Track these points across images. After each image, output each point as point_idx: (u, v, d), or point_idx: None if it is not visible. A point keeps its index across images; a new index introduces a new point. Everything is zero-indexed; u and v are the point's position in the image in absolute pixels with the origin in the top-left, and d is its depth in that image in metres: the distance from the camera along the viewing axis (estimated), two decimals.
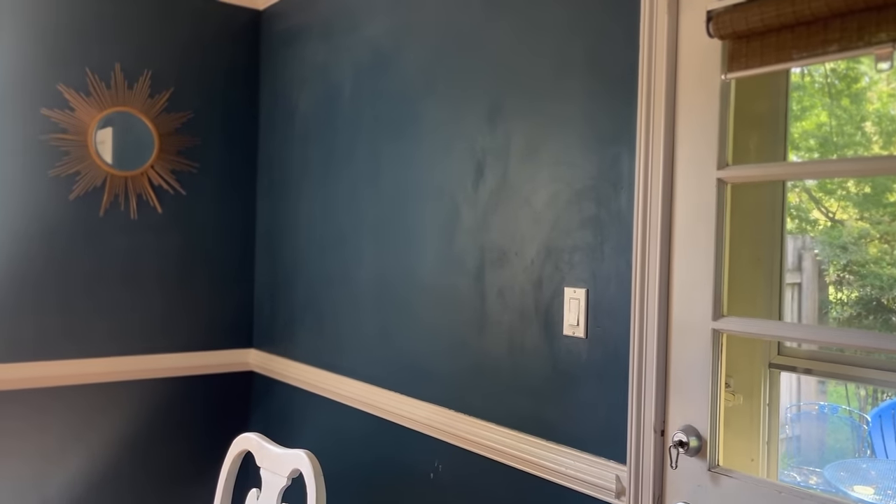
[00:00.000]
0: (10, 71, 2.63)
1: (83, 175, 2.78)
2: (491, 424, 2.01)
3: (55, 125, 2.72)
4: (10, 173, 2.64)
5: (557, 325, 1.83)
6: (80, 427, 2.79)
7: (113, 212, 2.85)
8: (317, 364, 2.77)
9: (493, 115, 2.02)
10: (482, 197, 2.06)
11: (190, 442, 3.05)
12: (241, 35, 3.14)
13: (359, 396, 2.51)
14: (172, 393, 3.00)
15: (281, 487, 1.67)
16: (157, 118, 2.92)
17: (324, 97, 2.77)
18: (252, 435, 1.81)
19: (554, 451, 1.81)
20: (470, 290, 2.09)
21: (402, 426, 2.33)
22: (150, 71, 2.91)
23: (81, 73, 2.77)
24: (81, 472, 2.79)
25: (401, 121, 2.38)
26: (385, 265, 2.44)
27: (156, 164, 2.92)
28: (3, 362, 2.63)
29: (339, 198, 2.68)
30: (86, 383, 2.80)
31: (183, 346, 3.02)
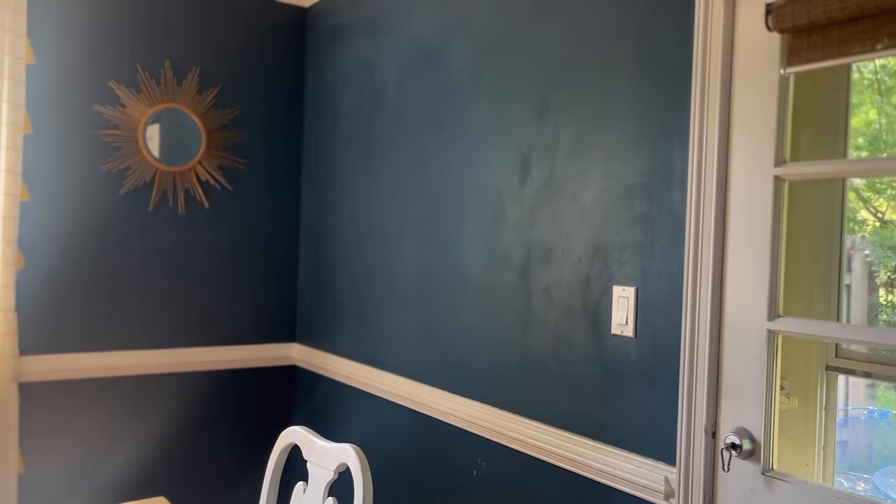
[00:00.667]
0: (66, 68, 2.69)
1: (133, 170, 2.83)
2: (535, 423, 1.99)
3: (107, 121, 2.78)
4: (64, 168, 2.70)
5: (605, 324, 1.80)
6: (129, 418, 2.85)
7: (162, 206, 2.90)
8: (359, 359, 2.78)
9: (542, 111, 2.01)
10: (528, 193, 2.04)
11: (234, 434, 3.09)
12: (288, 32, 3.17)
13: (402, 392, 2.52)
14: (217, 385, 3.05)
15: (328, 481, 1.68)
16: (205, 114, 2.96)
17: (368, 94, 2.78)
18: (299, 428, 1.82)
19: (600, 450, 1.79)
20: (515, 287, 2.08)
21: (446, 423, 2.33)
22: (199, 68, 2.95)
23: (132, 71, 2.82)
24: (130, 462, 2.85)
25: (445, 117, 2.38)
26: (428, 261, 2.44)
27: (203, 159, 2.97)
28: (56, 353, 2.70)
29: (382, 194, 2.69)
30: (134, 374, 2.86)
31: (228, 340, 3.07)
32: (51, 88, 2.67)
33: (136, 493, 2.83)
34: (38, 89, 2.63)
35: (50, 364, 2.68)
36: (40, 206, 2.66)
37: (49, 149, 2.67)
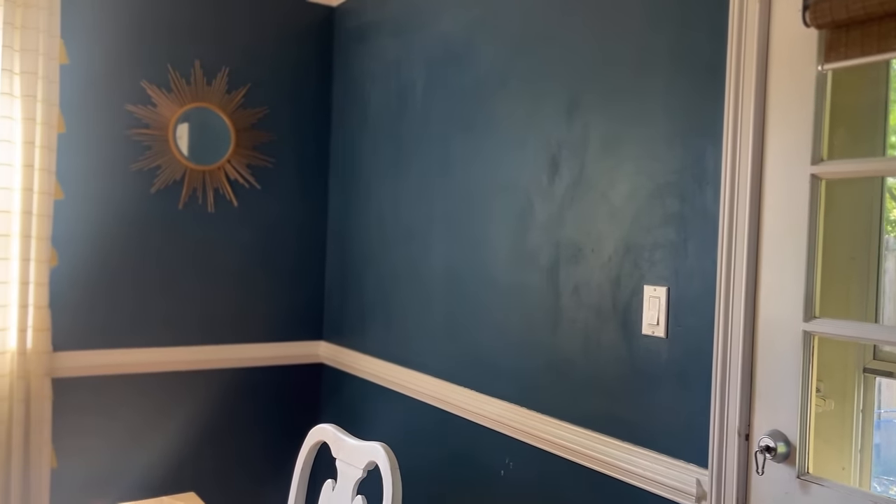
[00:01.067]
0: (98, 68, 2.73)
1: (164, 169, 2.86)
2: (564, 423, 1.98)
3: (138, 120, 2.81)
4: (96, 167, 2.74)
5: (636, 324, 1.79)
6: (159, 414, 2.88)
7: (191, 205, 2.93)
8: (386, 357, 2.79)
9: (571, 109, 1.99)
10: (557, 192, 2.03)
11: (262, 430, 3.11)
12: (315, 32, 3.19)
13: (429, 391, 2.52)
14: (245, 382, 3.07)
15: (357, 479, 1.68)
16: (234, 114, 2.99)
17: (395, 93, 2.78)
18: (328, 426, 1.83)
19: (630, 451, 1.78)
20: (543, 286, 2.07)
21: (473, 422, 2.32)
22: (228, 68, 2.97)
23: (163, 70, 2.85)
24: (161, 457, 2.88)
25: (473, 116, 2.37)
26: (455, 260, 2.44)
27: (232, 158, 2.99)
28: (88, 349, 2.73)
29: (408, 193, 2.69)
30: (163, 371, 2.89)
31: (256, 337, 3.09)
32: (84, 88, 2.71)
33: (167, 488, 2.86)
34: (71, 89, 2.67)
35: (82, 360, 2.72)
36: (73, 205, 2.69)
37: (82, 148, 2.71)
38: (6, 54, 2.46)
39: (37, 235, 2.52)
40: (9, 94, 2.47)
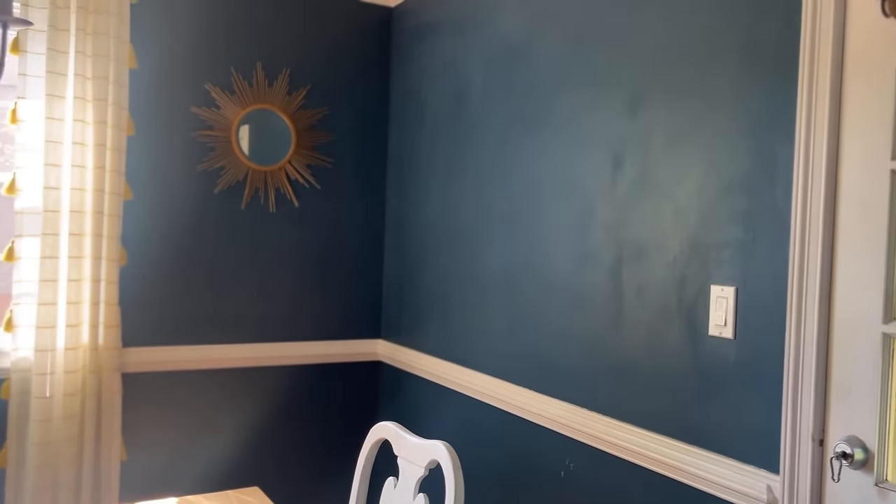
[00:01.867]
0: (166, 73, 2.81)
1: (227, 170, 2.92)
2: (627, 425, 1.95)
3: (203, 122, 2.88)
4: (163, 168, 2.82)
5: (702, 325, 1.74)
6: (222, 409, 2.95)
7: (253, 205, 2.99)
8: (444, 357, 2.79)
9: (633, 106, 1.96)
10: (620, 190, 2.00)
11: (323, 427, 3.15)
12: (374, 32, 3.21)
13: (488, 391, 2.51)
14: (305, 379, 3.11)
15: (418, 477, 1.69)
16: (295, 114, 3.03)
17: (453, 92, 2.78)
18: (389, 424, 1.84)
19: (696, 455, 1.74)
20: (605, 286, 2.04)
21: (533, 423, 2.30)
22: (289, 69, 3.02)
23: (227, 73, 2.91)
24: (224, 451, 2.95)
25: (532, 114, 2.35)
26: (513, 259, 2.42)
27: (293, 159, 3.03)
28: (155, 345, 2.81)
29: (466, 192, 2.68)
30: (227, 367, 2.96)
31: (315, 335, 3.13)
32: (151, 91, 2.78)
33: (231, 482, 2.92)
34: (140, 92, 2.75)
35: (150, 356, 2.80)
36: (142, 205, 2.78)
37: (149, 149, 2.79)
38: (79, 59, 2.55)
39: (108, 235, 2.60)
40: (81, 97, 2.56)
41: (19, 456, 2.52)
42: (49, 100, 2.50)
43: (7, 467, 2.51)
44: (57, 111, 2.52)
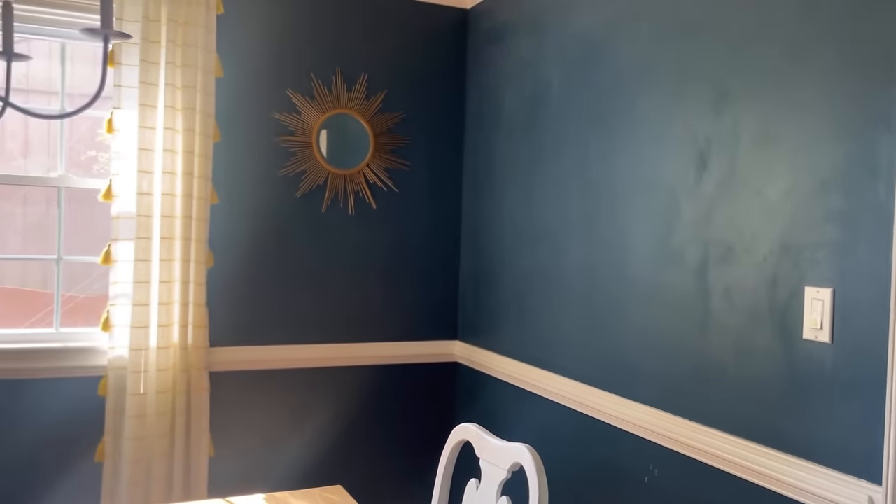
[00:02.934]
0: (249, 81, 2.89)
1: (308, 174, 2.99)
2: (714, 430, 1.89)
3: (284, 128, 2.96)
4: (247, 173, 2.90)
5: (795, 328, 1.68)
6: (304, 408, 3.01)
7: (333, 208, 3.05)
8: (522, 358, 2.78)
9: (719, 102, 1.90)
10: (705, 189, 1.94)
11: (402, 427, 3.18)
12: (450, 35, 3.23)
13: (567, 393, 2.48)
14: (383, 380, 3.15)
15: (501, 480, 1.68)
16: (373, 119, 3.08)
17: (530, 92, 2.77)
18: (471, 425, 1.84)
19: (789, 463, 1.67)
20: (690, 287, 1.99)
21: (614, 426, 2.27)
22: (367, 74, 3.07)
23: (307, 79, 2.98)
24: (307, 449, 3.02)
25: (612, 113, 2.31)
26: (593, 260, 2.39)
27: (371, 162, 3.08)
28: (240, 345, 2.90)
29: (545, 192, 2.66)
30: (308, 367, 3.02)
31: (393, 336, 3.16)
32: (236, 99, 2.87)
33: (314, 479, 2.98)
34: (225, 100, 2.84)
35: (235, 355, 2.89)
36: (227, 209, 2.87)
37: (234, 155, 2.88)
38: (169, 70, 2.65)
39: (196, 238, 2.70)
40: (171, 106, 2.66)
41: (115, 450, 2.64)
42: (142, 109, 2.61)
43: (104, 461, 2.63)
44: (149, 120, 2.63)
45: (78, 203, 3.96)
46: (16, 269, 4.56)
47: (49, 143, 4.44)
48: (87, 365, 2.69)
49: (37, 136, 4.48)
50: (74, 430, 2.68)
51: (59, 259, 2.79)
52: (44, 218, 4.34)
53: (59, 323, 2.78)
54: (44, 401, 2.65)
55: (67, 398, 2.67)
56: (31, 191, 4.27)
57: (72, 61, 2.91)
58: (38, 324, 3.93)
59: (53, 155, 4.30)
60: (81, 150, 4.27)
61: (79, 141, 4.24)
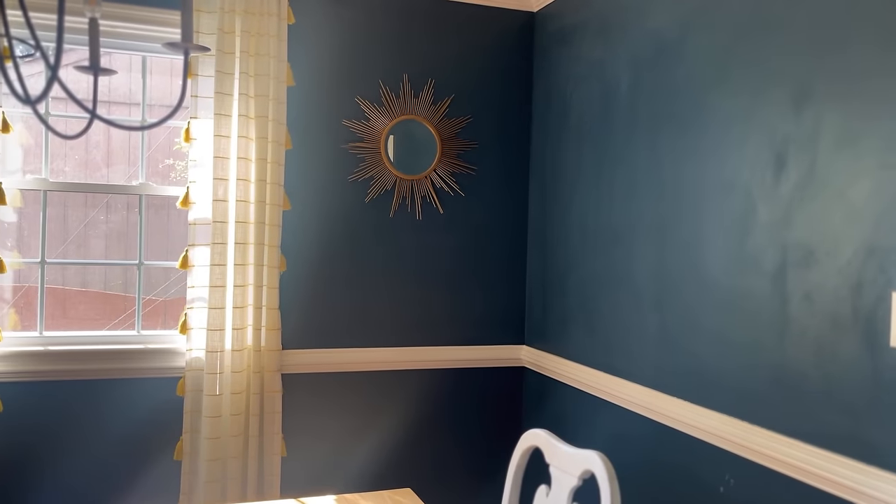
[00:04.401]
0: (320, 88, 2.95)
1: (376, 180, 3.03)
2: (794, 440, 1.83)
3: (353, 134, 3.00)
4: (317, 179, 2.96)
5: (882, 335, 1.60)
6: (373, 410, 3.05)
7: (401, 213, 3.08)
8: (590, 364, 2.74)
9: (799, 100, 1.84)
10: (784, 190, 1.88)
11: (469, 431, 3.19)
12: (516, 38, 3.22)
13: (637, 400, 2.44)
14: (451, 383, 3.16)
15: (572, 487, 1.66)
16: (440, 124, 3.10)
17: (599, 94, 2.73)
18: (541, 431, 1.83)
19: (878, 477, 1.60)
20: (767, 292, 1.93)
21: (687, 434, 2.21)
22: (434, 79, 3.09)
23: (375, 86, 3.02)
24: (376, 452, 3.05)
25: (684, 114, 2.26)
26: (665, 264, 2.34)
27: (438, 167, 3.10)
28: (311, 348, 2.96)
29: (614, 196, 2.62)
30: (377, 370, 3.06)
31: (460, 340, 3.17)
32: (307, 107, 2.94)
33: (383, 482, 3.02)
34: (297, 108, 2.91)
35: (306, 358, 2.95)
36: (299, 215, 2.93)
37: (305, 162, 2.94)
38: (243, 80, 2.73)
39: (269, 243, 2.77)
40: (245, 115, 2.74)
41: (193, 449, 2.73)
42: (217, 118, 2.70)
43: (182, 459, 2.72)
44: (224, 129, 2.71)
45: (157, 210, 4.11)
46: (99, 273, 4.76)
47: (129, 153, 4.63)
48: (167, 366, 2.79)
49: (118, 146, 4.68)
50: (155, 429, 2.78)
51: (140, 264, 2.91)
52: (125, 224, 4.53)
53: (141, 325, 2.89)
54: (126, 400, 2.76)
55: (148, 398, 2.78)
56: (114, 198, 4.47)
57: (151, 73, 3.02)
58: (120, 326, 4.10)
59: (134, 164, 4.48)
60: (160, 159, 4.43)
61: (157, 150, 4.40)
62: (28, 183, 2.78)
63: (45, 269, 2.81)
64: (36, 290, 2.82)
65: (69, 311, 4.57)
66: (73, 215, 4.47)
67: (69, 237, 4.42)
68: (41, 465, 2.68)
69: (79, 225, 4.46)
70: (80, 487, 2.72)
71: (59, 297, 4.57)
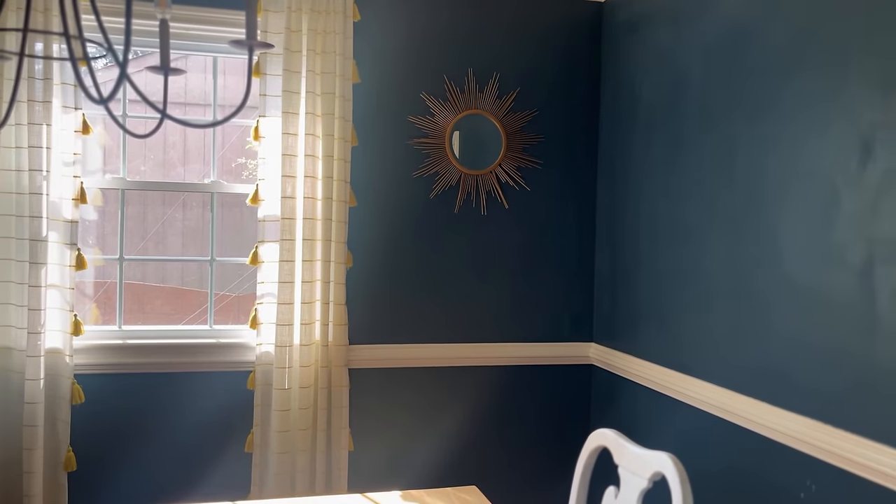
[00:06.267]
0: (385, 85, 2.96)
1: (441, 175, 3.01)
2: (881, 445, 1.72)
3: (418, 130, 3.00)
4: (383, 176, 2.97)
5: None
6: (437, 406, 3.04)
7: (466, 208, 3.06)
8: (661, 362, 2.66)
9: (888, 85, 1.73)
10: (870, 180, 1.77)
11: (534, 429, 3.15)
12: (583, 29, 3.15)
13: (711, 400, 2.35)
14: (517, 381, 3.13)
15: (641, 490, 1.61)
16: (505, 118, 3.06)
17: (669, 83, 2.65)
18: (609, 431, 1.78)
19: None
20: (852, 289, 1.82)
21: (765, 437, 2.12)
22: (499, 73, 3.05)
23: (440, 81, 3.01)
24: (441, 448, 3.05)
25: (760, 101, 2.16)
26: (739, 259, 2.25)
27: (503, 162, 3.06)
28: (376, 343, 2.97)
29: (685, 188, 2.54)
30: (441, 366, 3.05)
31: (527, 337, 3.13)
32: (372, 103, 2.95)
33: (449, 479, 3.01)
34: (362, 105, 2.92)
35: (372, 353, 2.96)
36: (364, 211, 2.95)
37: (370, 158, 2.96)
38: (309, 77, 2.76)
39: (336, 239, 2.79)
40: (312, 113, 2.77)
41: (263, 442, 2.78)
42: (285, 117, 2.73)
43: (253, 451, 2.78)
44: (291, 126, 2.74)
45: (230, 207, 4.22)
46: (176, 269, 4.92)
47: (204, 153, 4.77)
48: (237, 360, 2.85)
49: (193, 147, 4.82)
50: (226, 421, 2.85)
51: (212, 260, 2.98)
52: (200, 222, 4.67)
53: (213, 320, 2.96)
54: (199, 393, 2.84)
55: (220, 391, 2.85)
56: (189, 197, 4.61)
57: (224, 74, 3.09)
58: (195, 321, 4.23)
59: (208, 163, 4.62)
60: (232, 158, 4.55)
61: (230, 149, 4.52)
62: (107, 182, 2.89)
63: (123, 265, 2.91)
64: (115, 286, 2.92)
65: (146, 305, 4.74)
66: (151, 214, 4.64)
67: (148, 234, 4.58)
68: (120, 452, 2.78)
69: (157, 223, 4.62)
70: (157, 475, 2.80)
71: (137, 292, 4.74)
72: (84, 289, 4.00)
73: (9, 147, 2.54)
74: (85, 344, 2.72)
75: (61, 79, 2.56)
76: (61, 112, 2.58)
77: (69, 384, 2.61)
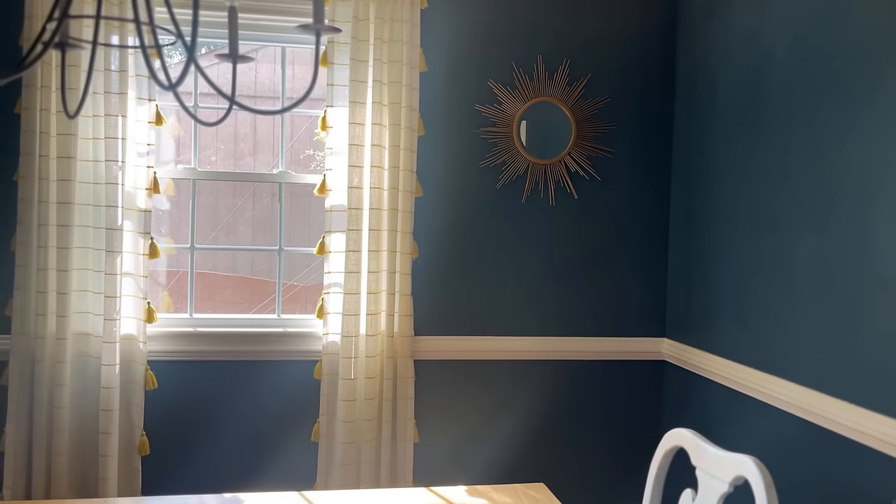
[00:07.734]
0: (452, 73, 2.91)
1: (508, 165, 2.95)
2: None
3: (486, 119, 2.94)
4: (449, 165, 2.93)
5: None
6: (504, 400, 2.99)
7: (533, 198, 2.99)
8: (740, 359, 2.54)
9: None
10: None
11: (604, 426, 3.07)
12: (657, 14, 3.03)
13: (795, 401, 2.23)
14: (585, 376, 3.05)
15: (721, 494, 1.53)
16: (575, 105, 2.97)
17: (750, 69, 2.51)
18: (686, 431, 1.70)
19: None
20: None
21: (855, 441, 1.99)
22: (569, 59, 2.97)
23: (508, 69, 2.94)
24: (507, 442, 3.00)
25: (851, 85, 2.03)
26: (829, 252, 2.11)
27: (573, 151, 2.98)
28: (442, 335, 2.94)
29: (768, 177, 2.41)
30: (508, 359, 3.00)
31: (597, 331, 3.05)
32: (438, 92, 2.91)
33: (516, 475, 2.96)
34: (429, 94, 2.89)
35: (438, 345, 2.93)
36: (430, 201, 2.91)
37: (437, 148, 2.92)
38: (377, 67, 2.74)
39: (401, 230, 2.77)
40: (379, 102, 2.75)
41: (329, 431, 2.79)
42: (352, 106, 2.72)
43: (319, 441, 2.79)
44: (358, 116, 2.73)
45: (298, 198, 4.26)
46: (246, 259, 5.01)
47: (273, 144, 4.83)
48: (305, 349, 2.86)
49: (263, 138, 4.89)
50: (294, 410, 2.87)
51: (280, 250, 3.00)
52: (270, 212, 4.73)
53: (281, 309, 2.99)
54: (267, 381, 2.86)
55: (287, 380, 2.87)
56: (259, 187, 4.67)
57: (292, 65, 3.11)
58: (263, 310, 4.29)
59: (277, 154, 4.67)
60: (301, 149, 4.59)
61: (299, 141, 4.56)
62: (179, 172, 2.94)
63: (194, 254, 2.96)
64: (187, 275, 2.98)
65: (216, 294, 4.84)
66: (222, 204, 4.73)
67: (219, 224, 4.67)
68: (190, 438, 2.83)
69: (228, 213, 4.71)
70: (225, 461, 2.85)
71: (208, 281, 4.85)
72: (157, 277, 4.11)
73: (86, 138, 2.61)
74: (157, 331, 2.77)
75: (136, 70, 2.61)
76: (136, 103, 2.63)
77: (143, 370, 2.67)
